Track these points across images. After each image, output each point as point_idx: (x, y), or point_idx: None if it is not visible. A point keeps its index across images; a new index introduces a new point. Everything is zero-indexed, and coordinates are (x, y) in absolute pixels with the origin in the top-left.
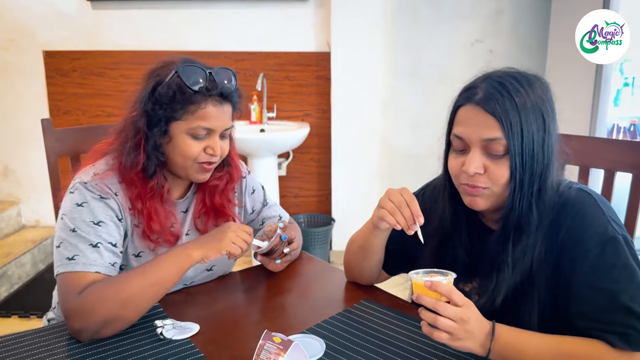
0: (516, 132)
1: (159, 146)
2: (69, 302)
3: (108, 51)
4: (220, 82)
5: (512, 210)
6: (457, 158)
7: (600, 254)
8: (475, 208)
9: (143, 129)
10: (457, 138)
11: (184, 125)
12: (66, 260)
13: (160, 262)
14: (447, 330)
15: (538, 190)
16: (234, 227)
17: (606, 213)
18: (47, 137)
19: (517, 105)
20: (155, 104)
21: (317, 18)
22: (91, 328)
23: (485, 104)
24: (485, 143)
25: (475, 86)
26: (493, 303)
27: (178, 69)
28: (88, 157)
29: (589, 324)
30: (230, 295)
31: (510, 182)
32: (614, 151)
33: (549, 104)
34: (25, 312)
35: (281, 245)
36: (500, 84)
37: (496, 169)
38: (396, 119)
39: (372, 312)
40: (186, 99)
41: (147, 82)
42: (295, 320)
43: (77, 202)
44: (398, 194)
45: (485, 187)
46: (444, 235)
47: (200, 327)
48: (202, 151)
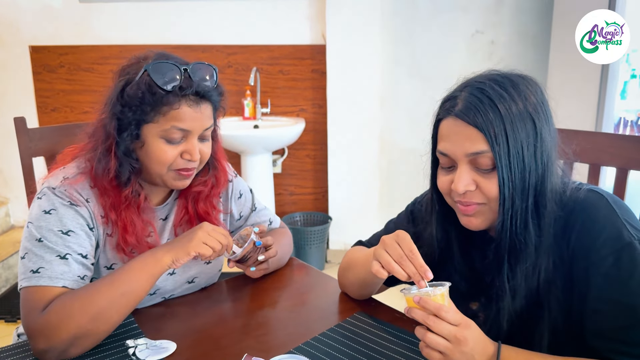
0: (502, 143)
1: (131, 152)
2: (31, 320)
3: (96, 46)
4: (197, 80)
5: (504, 229)
6: (446, 175)
7: (615, 262)
8: (472, 228)
9: (113, 134)
10: (443, 155)
11: (156, 128)
12: (30, 273)
13: (129, 270)
14: (438, 350)
15: (534, 204)
16: (206, 226)
17: (621, 215)
18: (20, 136)
19: (501, 112)
20: (125, 106)
21: (312, 10)
22: (57, 347)
23: (466, 115)
24: (472, 157)
25: (454, 96)
26: (499, 330)
27: (148, 66)
28: (58, 160)
29: (604, 345)
30: (212, 308)
31: (499, 197)
32: (627, 148)
33: (540, 106)
34: (12, 317)
35: (255, 252)
36: (480, 90)
37: (487, 184)
38: (394, 114)
39: (367, 327)
40: (157, 100)
41: (118, 81)
42: (281, 338)
43: (44, 209)
44: (395, 244)
45: (481, 203)
46: (434, 262)
47: (177, 346)
48: (179, 156)
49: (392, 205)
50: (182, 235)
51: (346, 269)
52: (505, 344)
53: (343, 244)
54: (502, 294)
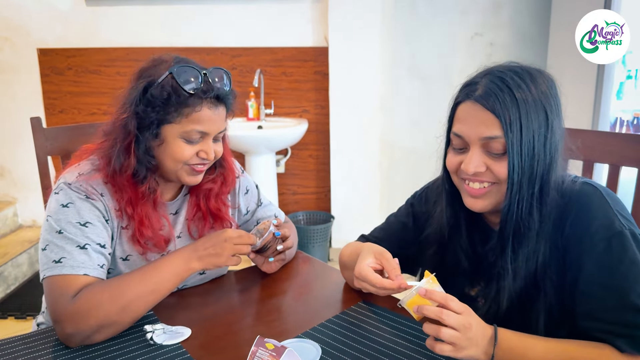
0: (516, 131)
1: (150, 150)
2: (61, 306)
3: (103, 48)
4: (216, 84)
5: (510, 212)
6: (456, 156)
7: (606, 249)
8: (476, 209)
9: (133, 132)
10: (457, 136)
11: (178, 129)
12: (52, 264)
13: (159, 270)
14: (451, 342)
15: (539, 192)
16: (230, 238)
17: (613, 206)
18: (36, 136)
19: (518, 101)
20: (148, 106)
21: (315, 13)
22: (83, 333)
23: (485, 101)
24: (485, 141)
25: (475, 82)
26: (497, 310)
27: (172, 69)
28: (74, 158)
29: (595, 325)
30: (223, 298)
31: (508, 182)
32: (619, 145)
33: (553, 99)
34: (21, 314)
35: (274, 242)
36: (501, 79)
37: (497, 166)
38: (395, 114)
39: (370, 314)
40: (181, 102)
41: (138, 82)
42: (290, 324)
43: (62, 203)
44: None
45: (492, 182)
46: (444, 238)
47: (192, 332)
48: (195, 155)
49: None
50: (211, 243)
51: (342, 268)
52: (501, 327)
53: (345, 242)
54: (504, 274)
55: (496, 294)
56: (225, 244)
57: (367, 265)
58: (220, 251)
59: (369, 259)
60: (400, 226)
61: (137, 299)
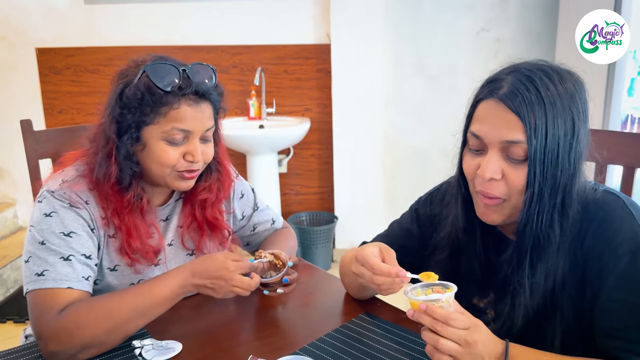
0: (540, 137)
1: (132, 155)
2: (45, 322)
3: (102, 47)
4: (196, 80)
5: (528, 224)
6: (473, 159)
7: (630, 263)
8: (487, 222)
9: (113, 138)
10: (475, 137)
11: (157, 130)
12: (35, 277)
13: (152, 293)
14: (450, 354)
15: (561, 203)
16: (234, 280)
17: (637, 217)
18: (26, 138)
19: (545, 105)
20: (124, 109)
21: (317, 9)
22: (68, 351)
23: (510, 101)
24: (505, 145)
25: (500, 79)
26: (511, 327)
27: (146, 67)
28: (60, 162)
29: (615, 344)
30: (217, 310)
31: (527, 191)
32: (634, 146)
33: (581, 104)
34: (20, 318)
35: (277, 284)
36: (528, 78)
37: (515, 175)
38: (399, 113)
39: (372, 327)
40: (156, 101)
41: (116, 85)
42: (287, 339)
43: (45, 212)
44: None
45: (502, 199)
46: (456, 244)
47: (183, 347)
48: (181, 158)
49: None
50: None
51: (342, 276)
52: (514, 343)
53: (349, 243)
54: (521, 291)
55: (510, 310)
56: (224, 284)
57: (371, 252)
58: (218, 289)
59: (374, 248)
60: (403, 233)
61: (126, 322)
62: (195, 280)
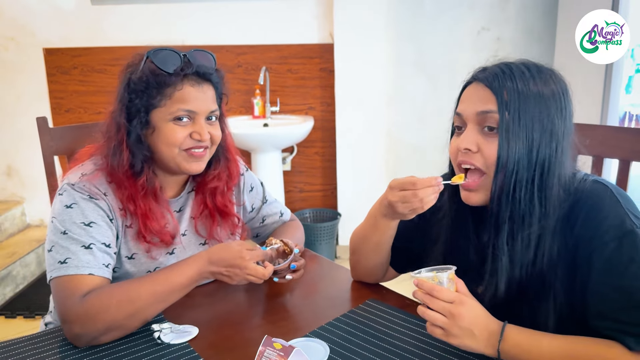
0: (512, 110)
1: (142, 139)
2: (70, 306)
3: (109, 47)
4: (196, 62)
5: (503, 193)
6: (455, 140)
7: (617, 248)
8: (470, 203)
9: (124, 123)
10: (457, 115)
11: (164, 111)
12: (58, 264)
13: (171, 280)
14: (437, 324)
15: (540, 179)
16: (249, 269)
17: (624, 205)
18: (42, 136)
19: (518, 85)
20: (131, 94)
21: (320, 9)
22: (91, 334)
23: (487, 80)
24: (480, 117)
25: (485, 67)
26: (495, 294)
27: (150, 52)
28: (76, 158)
29: (605, 324)
30: (230, 297)
31: (497, 161)
32: (629, 140)
33: (558, 96)
34: (30, 313)
35: (286, 271)
36: (508, 66)
37: (488, 146)
38: (401, 111)
39: (379, 312)
40: (161, 82)
41: (123, 76)
42: (298, 323)
43: (66, 204)
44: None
45: (480, 171)
46: (451, 231)
47: (200, 331)
48: (188, 137)
49: None
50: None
51: (354, 250)
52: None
53: None
54: (498, 252)
55: (492, 277)
56: (239, 272)
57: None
58: (233, 276)
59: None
60: (406, 222)
61: (146, 307)
62: (212, 268)
